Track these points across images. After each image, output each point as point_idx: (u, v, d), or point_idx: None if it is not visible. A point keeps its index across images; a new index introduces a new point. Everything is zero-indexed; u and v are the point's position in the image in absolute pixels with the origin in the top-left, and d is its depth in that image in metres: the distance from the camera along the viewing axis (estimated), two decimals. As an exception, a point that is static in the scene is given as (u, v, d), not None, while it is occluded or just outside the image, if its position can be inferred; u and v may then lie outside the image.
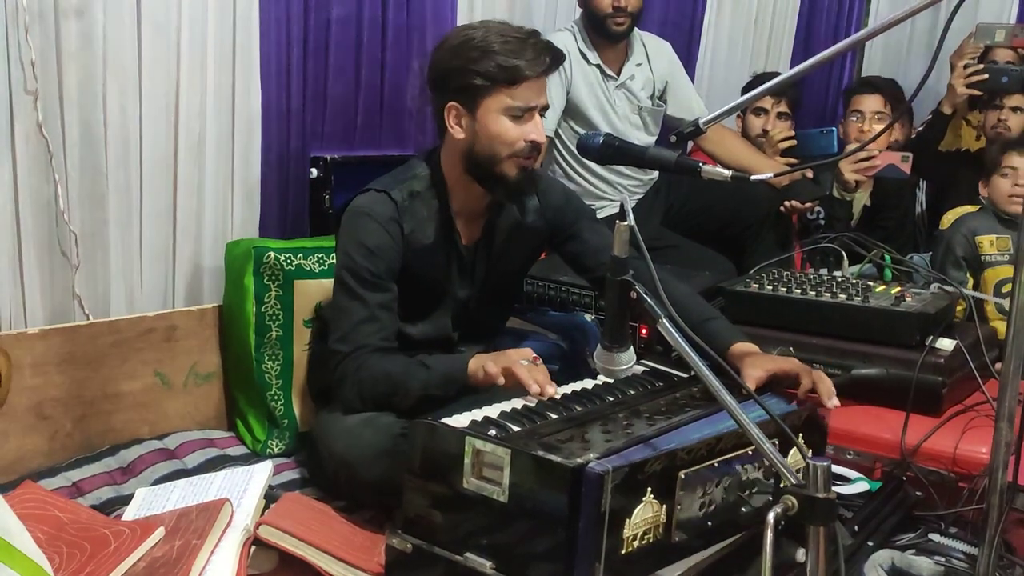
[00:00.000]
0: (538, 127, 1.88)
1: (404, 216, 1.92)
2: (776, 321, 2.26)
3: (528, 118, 1.87)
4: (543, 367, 1.72)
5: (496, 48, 1.83)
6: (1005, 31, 3.35)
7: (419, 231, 1.94)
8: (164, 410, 2.23)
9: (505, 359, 1.74)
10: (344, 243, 1.92)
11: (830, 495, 1.20)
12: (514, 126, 1.86)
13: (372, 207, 1.91)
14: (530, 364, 1.71)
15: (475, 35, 1.86)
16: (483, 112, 1.86)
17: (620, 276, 1.45)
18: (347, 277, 1.89)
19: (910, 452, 1.99)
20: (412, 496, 1.49)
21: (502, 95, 1.84)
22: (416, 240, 1.94)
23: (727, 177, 1.57)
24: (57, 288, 2.16)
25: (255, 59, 2.39)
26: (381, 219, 1.90)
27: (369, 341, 1.86)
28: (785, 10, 3.94)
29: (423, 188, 1.96)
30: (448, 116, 1.90)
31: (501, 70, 1.83)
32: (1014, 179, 2.85)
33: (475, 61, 1.83)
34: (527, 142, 1.87)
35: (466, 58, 1.84)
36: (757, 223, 2.94)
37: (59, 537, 1.65)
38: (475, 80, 1.84)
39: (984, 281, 2.86)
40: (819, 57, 1.59)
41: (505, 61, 1.82)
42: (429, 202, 1.96)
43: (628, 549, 1.37)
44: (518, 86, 1.84)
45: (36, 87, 2.04)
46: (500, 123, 1.86)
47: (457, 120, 1.89)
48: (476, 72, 1.83)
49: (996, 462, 1.52)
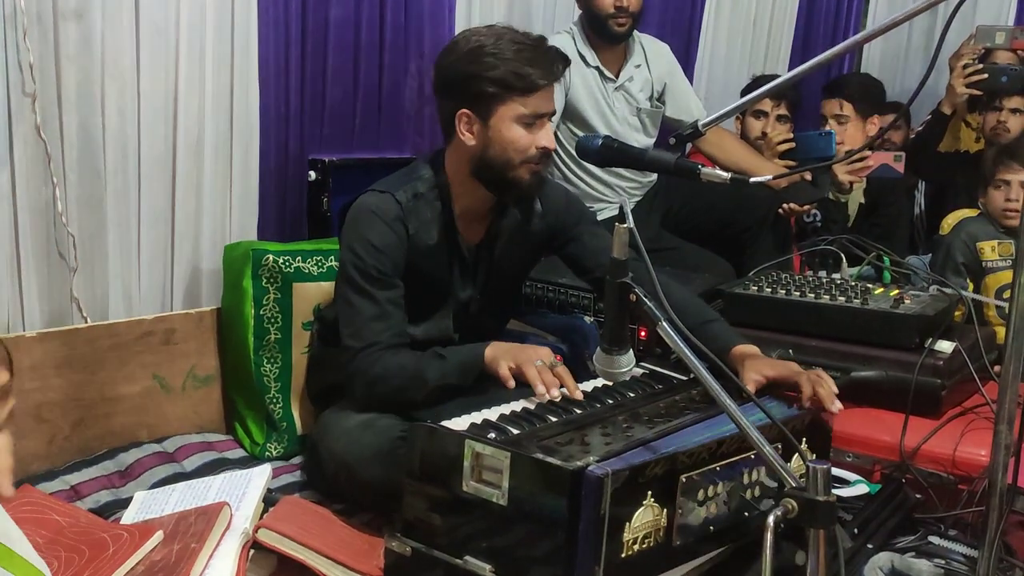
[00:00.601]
0: (549, 134, 1.90)
1: (408, 217, 1.93)
2: (775, 323, 2.26)
3: (540, 125, 1.88)
4: (562, 369, 1.73)
5: (510, 56, 1.83)
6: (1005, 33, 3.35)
7: (423, 232, 1.94)
8: (162, 413, 2.22)
9: (523, 355, 1.76)
10: (350, 241, 1.92)
11: (830, 498, 1.20)
12: (526, 133, 1.87)
13: (378, 206, 1.92)
14: (543, 365, 1.72)
15: (486, 42, 1.86)
16: (496, 120, 1.86)
17: (619, 278, 1.45)
18: (354, 274, 1.89)
19: (910, 454, 1.99)
20: (411, 499, 1.49)
21: (516, 103, 1.85)
22: (420, 241, 1.94)
23: (726, 179, 1.58)
24: (55, 291, 2.16)
25: (253, 62, 2.39)
26: (387, 218, 1.91)
27: (380, 338, 1.86)
28: (783, 12, 3.94)
29: (426, 190, 1.96)
30: (459, 123, 1.90)
31: (517, 78, 1.83)
32: (1007, 193, 2.83)
33: (489, 68, 1.83)
34: (538, 149, 1.88)
35: (480, 65, 1.84)
36: (756, 225, 2.94)
37: (57, 541, 1.64)
38: (489, 88, 1.84)
39: (985, 287, 2.83)
40: (817, 60, 1.59)
41: (520, 69, 1.83)
42: (432, 204, 1.96)
43: (628, 553, 1.36)
44: (532, 95, 1.85)
45: (34, 89, 2.04)
46: (513, 130, 1.86)
47: (468, 127, 1.89)
48: (490, 80, 1.84)
49: (996, 464, 1.52)
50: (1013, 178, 2.81)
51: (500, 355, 1.80)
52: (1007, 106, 3.29)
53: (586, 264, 2.09)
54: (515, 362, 1.76)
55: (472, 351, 1.86)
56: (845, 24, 4.16)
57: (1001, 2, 4.18)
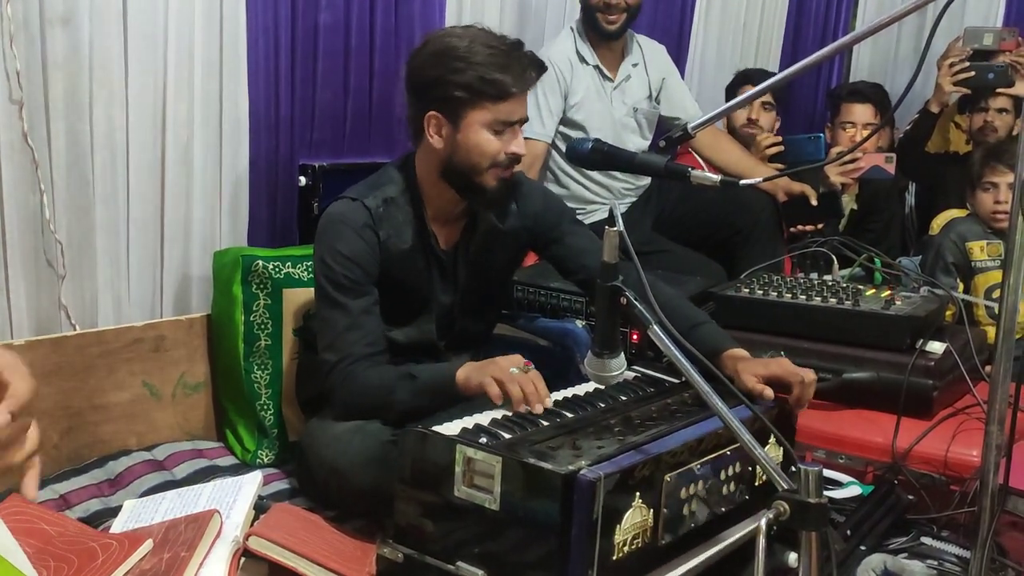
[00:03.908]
0: (519, 140, 1.88)
1: (379, 223, 1.91)
2: (767, 325, 2.26)
3: (511, 132, 1.86)
4: (535, 373, 1.69)
5: (481, 60, 1.81)
6: (993, 35, 3.37)
7: (396, 237, 1.93)
8: (152, 421, 2.21)
9: (495, 369, 1.69)
10: (320, 252, 1.91)
11: (822, 500, 1.20)
12: (496, 139, 1.85)
13: (345, 214, 1.90)
14: (521, 372, 1.67)
15: (458, 44, 1.83)
16: (465, 124, 1.84)
17: (610, 282, 1.45)
18: (326, 286, 1.88)
19: (901, 456, 1.99)
20: (403, 505, 1.49)
21: (486, 109, 1.83)
22: (393, 246, 1.93)
23: (716, 182, 1.58)
24: (43, 298, 2.15)
25: (242, 66, 2.38)
26: (355, 226, 1.89)
27: (355, 349, 1.85)
28: (773, 14, 3.95)
29: (397, 194, 1.95)
30: (428, 125, 1.88)
31: (487, 84, 1.81)
32: (995, 196, 2.84)
33: (459, 72, 1.81)
34: (507, 155, 1.86)
35: (449, 68, 1.82)
36: (747, 228, 2.94)
37: (46, 551, 1.63)
38: (458, 92, 1.82)
39: (975, 287, 2.85)
40: (807, 61, 1.59)
41: (490, 75, 1.80)
42: (404, 208, 1.94)
43: (619, 555, 1.36)
44: (504, 101, 1.83)
45: (21, 96, 2.03)
46: (482, 136, 1.85)
47: (437, 130, 1.88)
48: (460, 85, 1.81)
49: (987, 465, 1.52)
50: (1001, 180, 2.82)
51: (473, 375, 1.73)
52: (993, 106, 3.31)
53: (570, 265, 2.07)
54: (492, 376, 1.67)
55: (442, 371, 1.81)
56: (835, 26, 4.18)
57: (990, 4, 4.21)
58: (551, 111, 2.82)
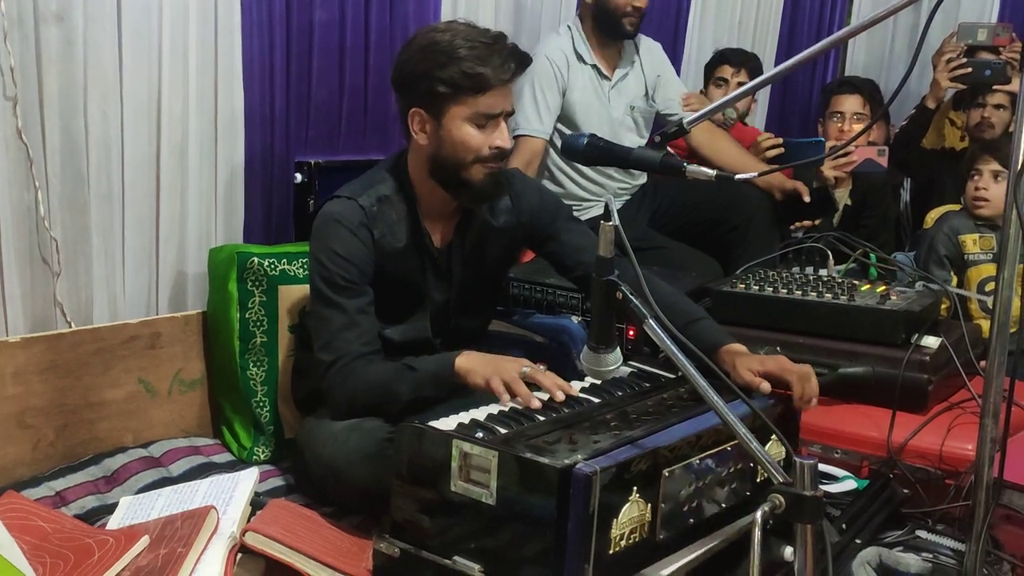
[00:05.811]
0: (503, 133, 1.87)
1: (373, 221, 1.91)
2: (763, 321, 2.27)
3: (494, 125, 1.85)
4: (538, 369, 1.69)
5: (462, 54, 1.80)
6: (987, 30, 3.38)
7: (390, 235, 1.93)
8: (148, 418, 2.21)
9: (503, 371, 1.68)
10: (316, 251, 1.90)
11: (817, 493, 1.20)
12: (479, 133, 1.84)
13: (341, 213, 1.90)
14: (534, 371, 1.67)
15: (441, 38, 1.83)
16: (448, 119, 1.84)
17: (605, 276, 1.45)
18: (322, 285, 1.88)
19: (897, 450, 1.99)
20: (399, 500, 1.49)
21: (467, 103, 1.82)
22: (388, 244, 1.93)
23: (711, 177, 1.58)
24: (38, 296, 2.14)
25: (237, 63, 2.37)
26: (350, 225, 1.89)
27: (351, 348, 1.84)
28: (768, 9, 3.96)
29: (391, 192, 1.94)
30: (412, 121, 1.88)
31: (466, 78, 1.80)
32: (977, 182, 2.86)
33: (440, 67, 1.80)
34: (492, 148, 1.86)
35: (431, 63, 1.82)
36: (743, 224, 2.94)
37: (42, 547, 1.63)
38: (439, 87, 1.82)
39: (968, 280, 2.88)
40: (801, 56, 1.59)
41: (471, 68, 1.79)
42: (398, 206, 1.94)
43: (615, 549, 1.36)
44: (484, 94, 1.82)
45: (15, 93, 2.02)
46: (464, 130, 1.84)
47: (421, 126, 1.88)
48: (440, 79, 1.81)
49: (982, 458, 1.53)
50: (985, 167, 2.84)
51: (477, 367, 1.73)
52: (990, 102, 3.31)
53: (567, 262, 2.07)
54: (500, 376, 1.67)
55: (443, 361, 1.81)
56: (829, 23, 4.19)
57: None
58: (549, 108, 2.83)
